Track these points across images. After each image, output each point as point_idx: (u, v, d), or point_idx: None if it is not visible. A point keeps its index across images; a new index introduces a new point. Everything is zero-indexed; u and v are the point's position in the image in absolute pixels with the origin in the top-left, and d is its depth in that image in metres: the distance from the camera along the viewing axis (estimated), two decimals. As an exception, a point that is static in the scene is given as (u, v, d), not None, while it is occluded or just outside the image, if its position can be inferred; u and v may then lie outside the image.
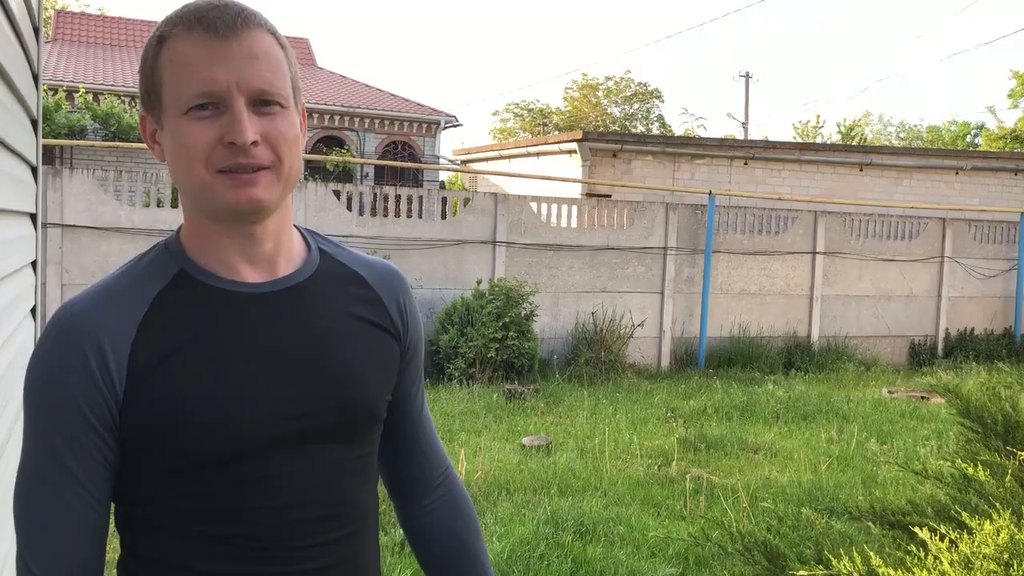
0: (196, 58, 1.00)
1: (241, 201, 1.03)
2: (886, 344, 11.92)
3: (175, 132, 1.02)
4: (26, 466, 1.02)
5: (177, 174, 1.05)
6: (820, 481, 5.81)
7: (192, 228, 1.10)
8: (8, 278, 1.68)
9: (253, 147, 1.01)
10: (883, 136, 41.76)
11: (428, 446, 1.31)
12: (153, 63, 1.04)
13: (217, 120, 1.01)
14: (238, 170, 1.02)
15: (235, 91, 1.01)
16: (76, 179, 8.06)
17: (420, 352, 1.29)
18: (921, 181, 13.98)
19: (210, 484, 1.04)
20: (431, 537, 1.31)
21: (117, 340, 1.02)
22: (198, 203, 1.06)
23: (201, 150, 1.01)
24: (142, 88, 1.07)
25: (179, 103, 1.01)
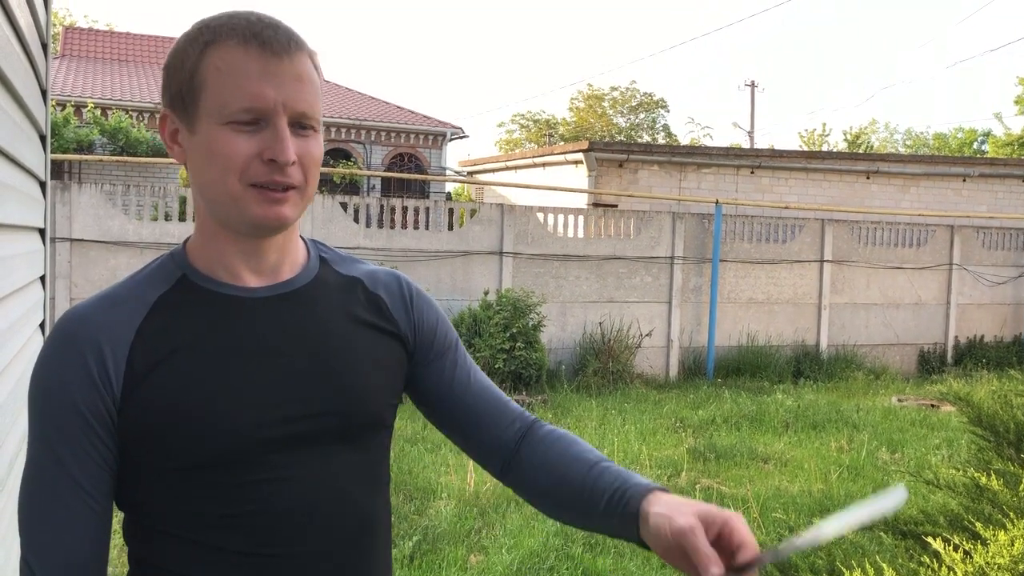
0: (248, 72, 1.01)
1: (269, 217, 1.05)
2: (895, 352, 11.87)
3: (211, 139, 1.03)
4: (29, 469, 1.03)
5: (203, 180, 1.05)
6: (831, 491, 5.78)
7: (201, 236, 1.11)
8: (16, 293, 1.69)
9: (289, 167, 1.04)
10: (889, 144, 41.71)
11: (492, 414, 1.24)
12: (195, 66, 1.04)
13: (257, 135, 1.03)
14: (271, 187, 1.04)
15: (280, 110, 1.03)
16: (85, 193, 8.09)
17: (451, 344, 1.26)
18: (928, 188, 13.95)
19: (208, 487, 1.04)
20: (537, 477, 1.20)
21: (115, 343, 1.03)
22: (219, 212, 1.07)
23: (239, 162, 1.02)
24: (173, 87, 1.06)
25: (223, 112, 1.02)
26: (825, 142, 35.32)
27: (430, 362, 1.24)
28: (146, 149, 14.99)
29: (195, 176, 1.07)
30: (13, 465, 1.58)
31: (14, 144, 1.58)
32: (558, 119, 40.28)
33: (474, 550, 4.62)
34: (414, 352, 1.23)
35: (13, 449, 1.58)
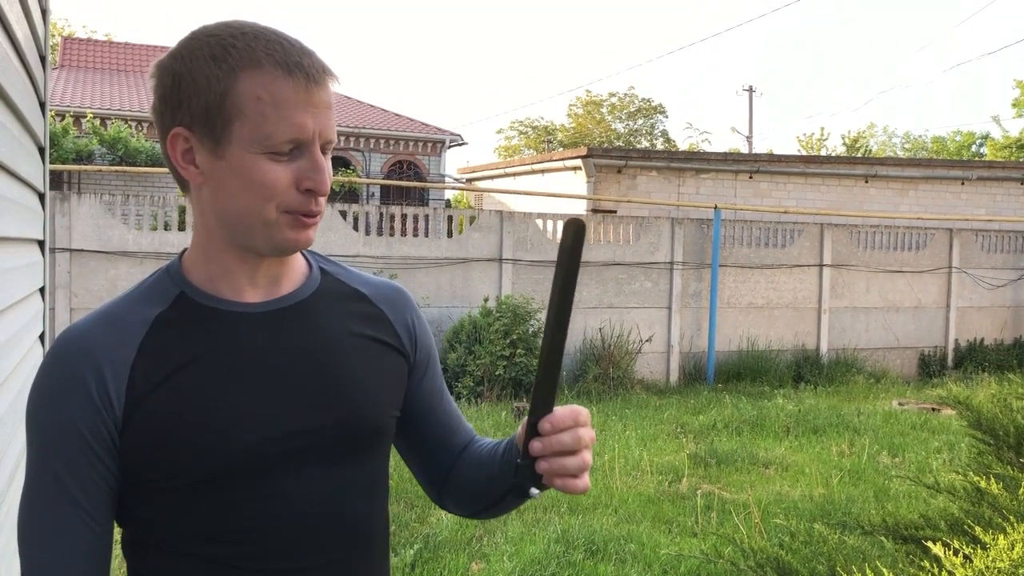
0: (291, 103, 1.01)
1: (300, 242, 1.07)
2: (895, 356, 11.87)
3: (247, 167, 1.02)
4: (29, 490, 1.02)
5: (232, 205, 1.04)
6: (832, 495, 5.77)
7: (203, 253, 1.10)
8: (16, 305, 1.69)
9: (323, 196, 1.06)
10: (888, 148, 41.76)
11: (459, 435, 1.30)
12: (227, 89, 1.01)
13: (293, 163, 1.03)
14: (306, 214, 1.05)
15: (316, 139, 1.04)
16: (84, 203, 8.10)
17: (436, 363, 1.30)
18: (927, 192, 13.96)
19: (210, 504, 1.04)
20: (466, 480, 1.26)
21: (116, 363, 1.02)
22: (242, 235, 1.06)
23: (279, 192, 1.03)
24: (195, 107, 1.02)
25: (264, 142, 1.01)
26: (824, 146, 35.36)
27: (416, 384, 1.25)
28: (145, 159, 15.01)
29: (218, 200, 1.05)
30: (13, 478, 1.58)
31: (13, 158, 1.59)
32: (557, 125, 40.34)
33: (475, 558, 4.62)
34: (412, 368, 1.24)
35: (13, 462, 1.59)
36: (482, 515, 1.25)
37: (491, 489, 1.18)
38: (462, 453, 1.28)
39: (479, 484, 1.22)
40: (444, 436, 1.28)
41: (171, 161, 1.07)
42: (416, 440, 1.28)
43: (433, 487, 1.31)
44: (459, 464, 1.27)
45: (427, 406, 1.27)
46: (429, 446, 1.28)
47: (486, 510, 1.23)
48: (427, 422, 1.27)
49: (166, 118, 1.05)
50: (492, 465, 1.19)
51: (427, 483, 1.32)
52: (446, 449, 1.28)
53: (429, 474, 1.30)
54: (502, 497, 1.16)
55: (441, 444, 1.28)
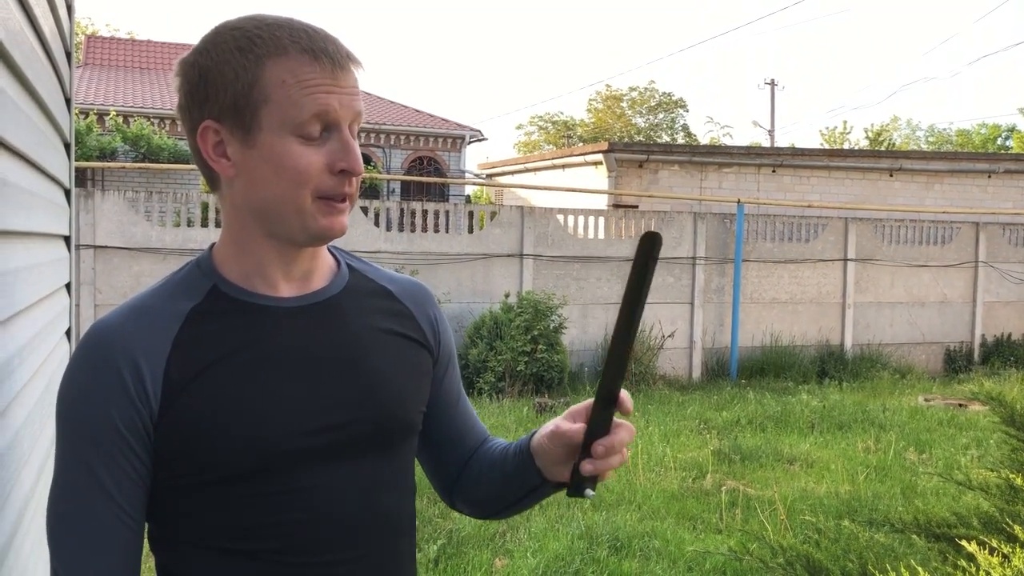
0: (316, 82, 1.01)
1: (334, 228, 1.06)
2: (920, 351, 11.75)
3: (279, 152, 1.02)
4: (59, 485, 1.01)
5: (266, 194, 1.04)
6: (858, 492, 5.72)
7: (236, 245, 1.10)
8: (43, 301, 1.69)
9: (356, 177, 1.06)
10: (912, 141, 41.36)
11: (473, 435, 1.32)
12: (254, 78, 1.01)
13: (324, 146, 1.03)
14: (338, 198, 1.05)
15: (345, 120, 1.04)
16: (108, 200, 8.16)
17: (455, 362, 1.31)
18: (953, 185, 13.80)
19: (244, 498, 1.03)
20: (479, 480, 1.28)
21: (152, 356, 1.01)
22: (277, 224, 1.06)
23: (313, 175, 1.03)
24: (224, 99, 1.02)
25: (291, 124, 1.01)
26: (847, 140, 35.07)
27: (436, 378, 1.26)
28: (168, 156, 15.12)
29: (252, 190, 1.05)
30: (41, 474, 1.58)
31: (40, 152, 1.59)
32: (576, 120, 40.25)
33: (499, 553, 4.61)
34: (436, 365, 1.25)
35: (41, 456, 1.59)
36: (494, 516, 1.28)
37: (505, 489, 1.20)
38: (475, 453, 1.29)
39: (492, 483, 1.23)
40: (460, 435, 1.29)
41: (202, 156, 1.06)
42: (433, 437, 1.28)
43: (445, 486, 1.31)
44: (472, 464, 1.28)
45: (446, 404, 1.28)
46: (445, 444, 1.29)
47: (499, 511, 1.25)
48: (445, 420, 1.28)
49: (194, 114, 1.05)
50: (505, 464, 1.20)
51: (439, 482, 1.32)
52: (461, 448, 1.29)
53: (442, 473, 1.31)
54: (518, 499, 1.19)
55: (456, 443, 1.29)
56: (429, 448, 1.29)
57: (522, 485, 1.18)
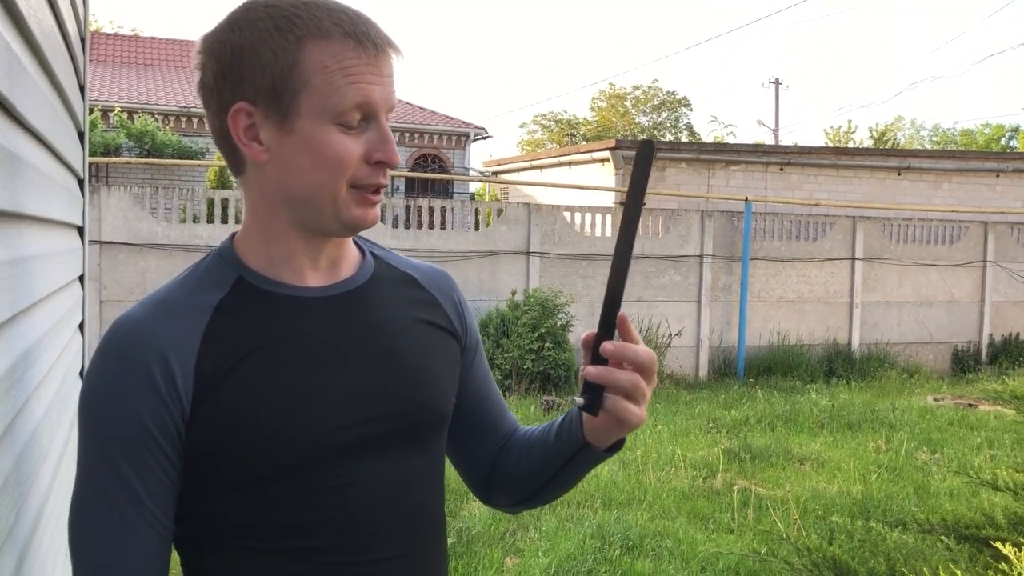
0: (358, 69, 0.97)
1: (368, 219, 1.03)
2: (928, 351, 11.69)
3: (318, 140, 0.97)
4: (84, 489, 0.95)
5: (301, 181, 0.99)
6: (871, 492, 5.66)
7: (262, 235, 1.04)
8: (59, 292, 1.64)
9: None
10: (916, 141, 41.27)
11: (505, 423, 1.26)
12: (294, 61, 0.96)
13: (362, 135, 0.99)
14: (372, 189, 1.01)
15: (383, 109, 1.00)
16: (113, 196, 8.11)
17: (482, 348, 1.27)
18: (961, 184, 13.74)
19: (280, 497, 0.99)
20: (516, 465, 1.21)
21: (182, 352, 0.96)
22: (308, 213, 1.01)
23: (351, 165, 0.99)
24: (261, 81, 0.97)
25: (334, 110, 0.96)
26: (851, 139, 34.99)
27: (464, 366, 1.22)
28: (172, 152, 15.08)
29: (285, 177, 1.00)
30: (58, 469, 1.53)
31: (59, 139, 1.54)
32: (580, 119, 40.19)
33: (509, 552, 4.56)
34: (463, 352, 1.21)
35: (58, 451, 1.54)
36: (533, 497, 1.20)
37: (546, 461, 1.14)
38: (508, 441, 1.24)
39: (532, 461, 1.17)
40: (492, 423, 1.24)
41: (231, 138, 1.00)
42: (464, 428, 1.23)
43: (479, 480, 1.26)
44: (507, 451, 1.22)
45: (476, 392, 1.23)
46: (477, 434, 1.24)
47: (540, 490, 1.18)
48: (476, 409, 1.23)
49: (224, 94, 0.99)
50: (547, 443, 1.15)
51: (473, 475, 1.27)
52: (494, 437, 1.24)
53: (474, 465, 1.26)
54: (560, 469, 1.13)
55: (490, 432, 1.24)
56: (461, 440, 1.24)
57: (566, 451, 1.11)
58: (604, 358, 0.98)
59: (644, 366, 0.98)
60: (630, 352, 0.98)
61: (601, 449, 1.09)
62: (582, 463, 1.12)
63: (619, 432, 1.04)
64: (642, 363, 0.98)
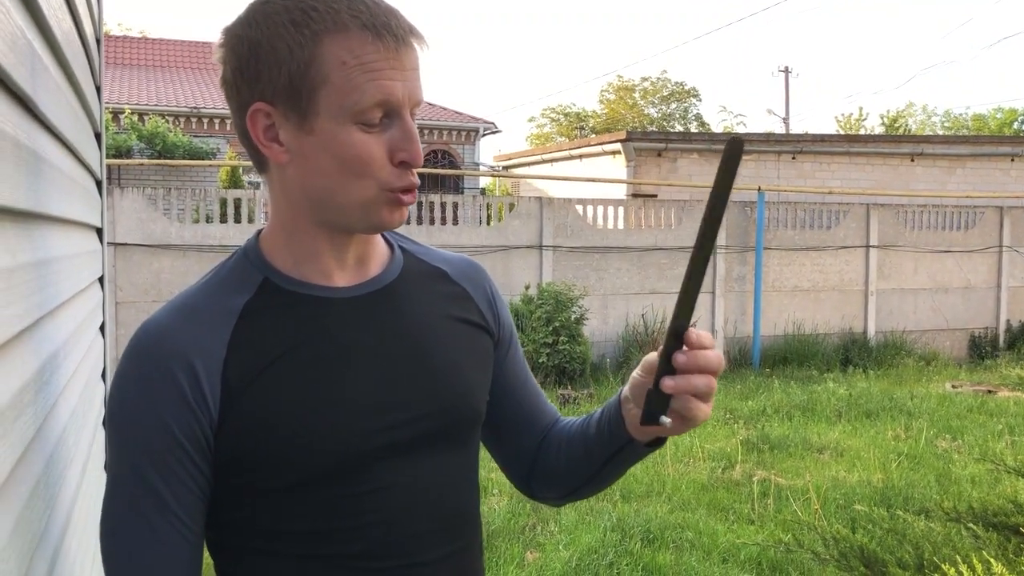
0: (378, 65, 0.92)
1: (395, 222, 0.99)
2: (945, 338, 11.61)
3: (340, 141, 0.93)
4: (114, 498, 0.94)
5: (325, 183, 0.96)
6: (891, 480, 5.63)
7: (286, 235, 1.02)
8: (81, 293, 1.64)
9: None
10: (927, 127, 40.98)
11: (545, 415, 1.24)
12: (311, 57, 0.92)
13: (384, 134, 0.95)
14: (404, 191, 0.97)
15: (406, 105, 0.96)
16: (127, 198, 8.13)
17: (517, 339, 1.24)
18: (975, 170, 13.63)
19: (314, 503, 0.97)
20: (558, 458, 1.19)
21: (208, 358, 0.94)
22: (335, 215, 0.98)
23: (375, 166, 0.95)
24: (278, 78, 0.93)
25: (353, 108, 0.92)
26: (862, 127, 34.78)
27: (499, 359, 1.19)
28: (183, 153, 15.12)
29: (307, 178, 0.97)
30: (85, 470, 1.53)
31: (78, 138, 1.53)
32: (589, 112, 40.08)
33: (530, 547, 4.55)
34: (497, 346, 1.18)
35: (84, 454, 1.54)
36: (576, 491, 1.18)
37: (589, 455, 1.12)
38: (549, 433, 1.21)
39: (574, 454, 1.14)
40: (531, 416, 1.21)
41: (251, 139, 0.98)
42: (503, 422, 1.20)
43: (521, 474, 1.23)
44: (548, 442, 1.20)
45: (513, 384, 1.20)
46: (516, 428, 1.21)
47: (584, 483, 1.16)
48: (514, 401, 1.20)
49: (243, 93, 0.96)
50: (588, 429, 1.12)
51: (514, 470, 1.24)
52: (534, 429, 1.21)
53: (515, 458, 1.23)
54: (604, 463, 1.10)
55: (529, 424, 1.21)
56: (500, 434, 1.22)
57: (608, 445, 1.09)
58: (672, 368, 0.97)
59: (716, 369, 0.97)
60: (702, 361, 0.95)
61: (644, 444, 1.07)
62: (627, 458, 1.10)
63: (674, 431, 1.01)
64: (714, 367, 0.96)
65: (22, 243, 1.02)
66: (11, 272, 0.92)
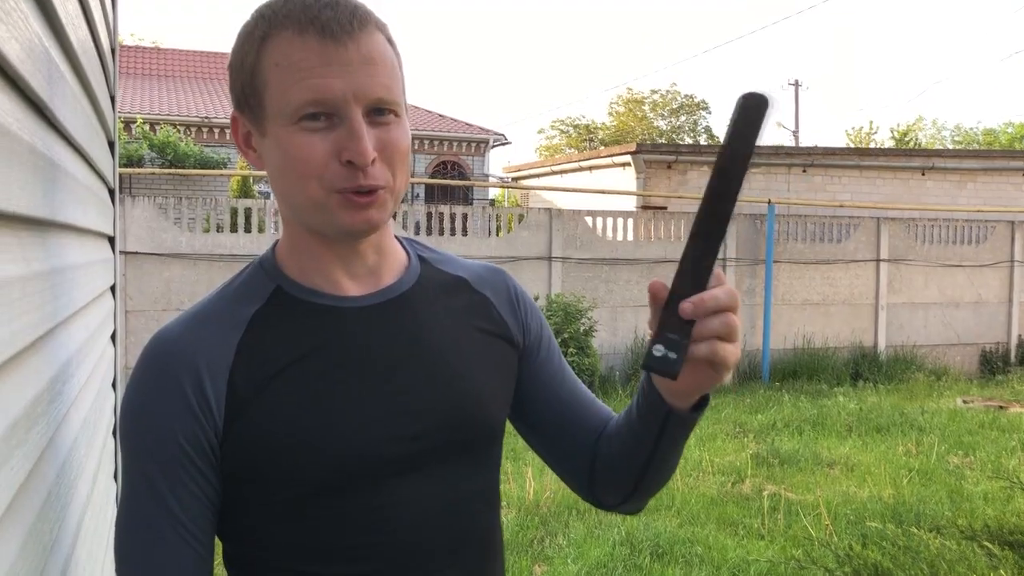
0: (308, 63, 0.89)
1: (356, 224, 0.94)
2: (956, 352, 11.55)
3: (283, 142, 0.92)
4: (127, 507, 0.94)
5: (283, 187, 0.96)
6: (902, 496, 5.58)
7: (292, 242, 1.02)
8: (95, 302, 1.63)
9: (371, 166, 0.92)
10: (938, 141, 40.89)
11: (594, 416, 1.16)
12: (255, 63, 0.93)
13: (331, 132, 0.91)
14: (354, 191, 0.93)
15: (352, 102, 0.90)
16: (138, 207, 8.16)
17: (551, 343, 1.18)
18: (986, 184, 13.58)
19: (323, 517, 0.95)
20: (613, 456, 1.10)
21: (214, 367, 0.94)
22: (305, 218, 0.97)
23: (315, 167, 0.91)
24: (237, 88, 0.96)
25: (287, 111, 0.91)
26: (872, 140, 34.73)
27: (532, 366, 1.15)
28: (194, 162, 15.18)
29: (273, 182, 0.97)
30: (96, 479, 1.52)
31: (92, 147, 1.53)
32: (598, 124, 40.14)
33: (538, 560, 4.52)
34: (522, 356, 1.14)
35: (95, 462, 1.53)
36: (639, 489, 1.09)
37: (637, 440, 1.03)
38: (601, 434, 1.13)
39: (624, 454, 1.07)
40: (578, 420, 1.14)
41: (239, 148, 1.02)
42: (548, 428, 1.15)
43: (580, 480, 1.16)
44: (600, 445, 1.12)
45: (549, 389, 1.15)
46: (563, 433, 1.15)
47: (640, 481, 1.07)
48: (554, 408, 1.14)
49: (231, 104, 1.00)
50: (632, 424, 1.04)
51: (573, 476, 1.17)
52: (581, 433, 1.14)
53: (571, 466, 1.16)
54: (655, 443, 1.01)
55: (576, 429, 1.14)
56: (549, 442, 1.16)
57: (652, 423, 1.00)
58: (677, 314, 0.87)
59: (729, 306, 0.88)
60: (711, 303, 0.86)
61: (688, 409, 0.99)
62: (675, 431, 1.01)
63: (709, 380, 0.93)
64: (725, 304, 0.87)
65: (37, 251, 1.01)
66: (26, 281, 0.92)
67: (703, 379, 0.93)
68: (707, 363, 0.90)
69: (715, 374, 0.92)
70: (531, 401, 1.15)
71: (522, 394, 1.15)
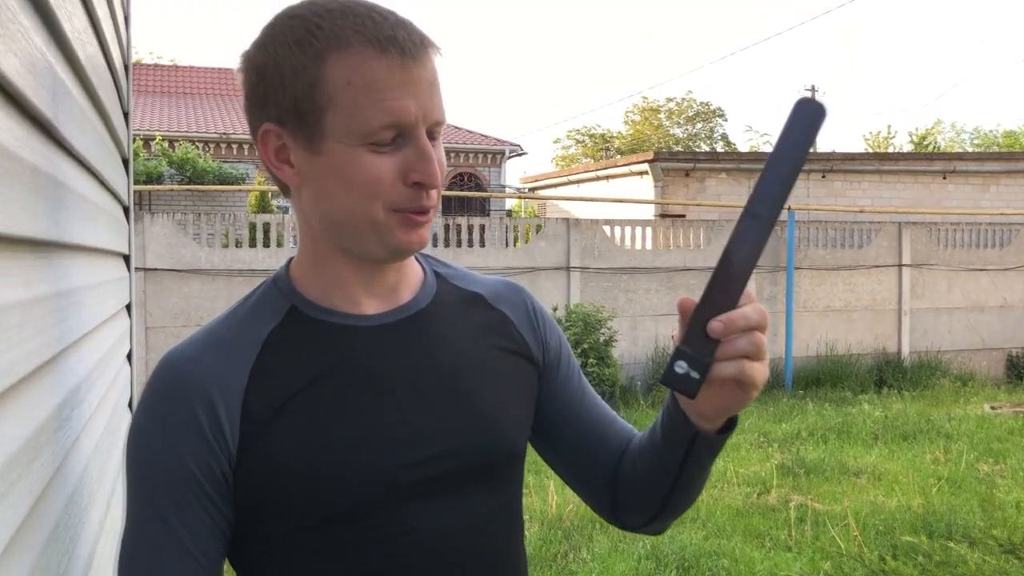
0: (387, 84, 0.87)
1: (412, 243, 0.93)
2: (981, 357, 11.38)
3: (347, 162, 0.89)
4: (132, 537, 0.90)
5: (334, 206, 0.91)
6: (932, 505, 5.47)
7: (312, 260, 0.98)
8: (108, 322, 1.60)
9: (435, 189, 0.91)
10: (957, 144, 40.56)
11: (615, 436, 1.12)
12: (315, 78, 0.88)
13: (397, 153, 0.89)
14: (416, 211, 0.91)
15: (421, 123, 0.90)
16: (157, 223, 8.18)
17: (570, 360, 1.15)
18: (1009, 186, 13.40)
19: (339, 544, 0.91)
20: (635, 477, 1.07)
21: (228, 391, 0.90)
22: (350, 239, 0.93)
23: (384, 187, 0.89)
24: (283, 100, 0.90)
25: (360, 132, 0.87)
26: (891, 144, 34.49)
27: (551, 384, 1.11)
28: (212, 178, 15.26)
29: (319, 202, 0.93)
30: (109, 505, 1.48)
31: (104, 166, 1.50)
32: (614, 133, 40.10)
33: (562, 575, 4.46)
34: (542, 374, 1.10)
35: (108, 490, 1.49)
36: (664, 512, 1.06)
37: (661, 462, 1.00)
38: (623, 455, 1.10)
39: (649, 475, 1.03)
40: (598, 440, 1.11)
41: (264, 162, 0.95)
42: (568, 450, 1.12)
43: (602, 501, 1.12)
44: (623, 465, 1.09)
45: (570, 409, 1.11)
46: (584, 454, 1.11)
47: (666, 504, 1.04)
48: (574, 427, 1.11)
49: (255, 115, 0.93)
50: (656, 445, 1.01)
51: (595, 498, 1.13)
52: (602, 453, 1.11)
53: (592, 486, 1.12)
54: (680, 466, 0.98)
55: (597, 449, 1.11)
56: (568, 462, 1.13)
57: (678, 447, 0.97)
58: (704, 332, 0.85)
59: (759, 325, 0.87)
60: (741, 322, 0.85)
61: (715, 431, 0.96)
62: (701, 454, 0.98)
63: (736, 401, 0.91)
64: (755, 324, 0.86)
65: (41, 273, 0.98)
66: (27, 305, 0.88)
67: (730, 399, 0.91)
68: (735, 383, 0.88)
69: (743, 394, 0.90)
70: (551, 420, 1.11)
71: (542, 413, 1.11)
